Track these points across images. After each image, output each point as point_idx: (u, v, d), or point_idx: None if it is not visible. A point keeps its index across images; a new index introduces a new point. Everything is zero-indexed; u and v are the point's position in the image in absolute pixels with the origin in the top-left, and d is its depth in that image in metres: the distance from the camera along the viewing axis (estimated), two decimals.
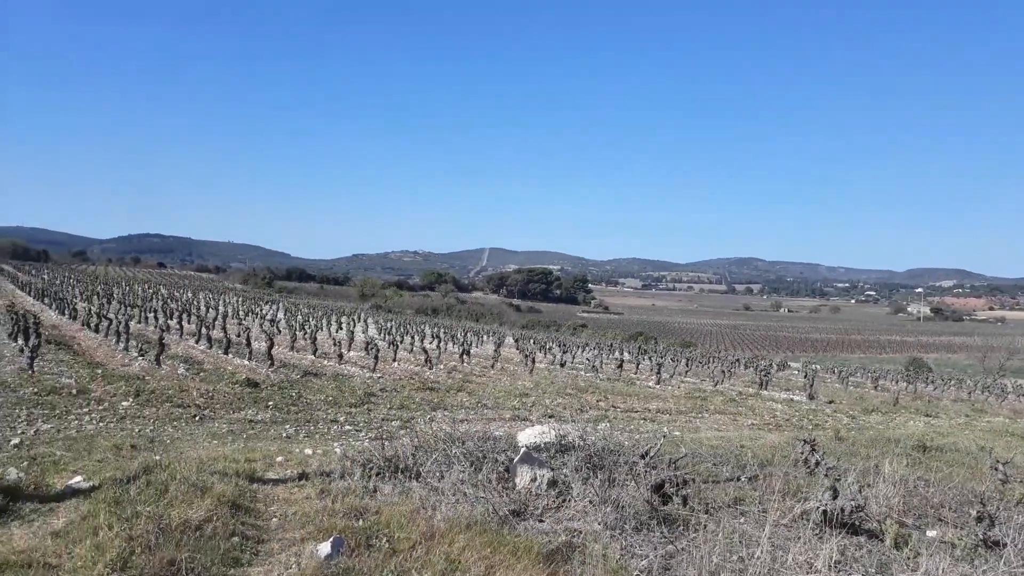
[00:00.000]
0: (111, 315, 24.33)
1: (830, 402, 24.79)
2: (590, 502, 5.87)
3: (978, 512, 5.94)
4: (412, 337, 35.99)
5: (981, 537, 5.76)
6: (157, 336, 17.49)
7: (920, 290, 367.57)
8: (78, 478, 6.38)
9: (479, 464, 6.53)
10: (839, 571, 4.97)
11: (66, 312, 29.71)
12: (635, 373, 30.05)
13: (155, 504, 5.29)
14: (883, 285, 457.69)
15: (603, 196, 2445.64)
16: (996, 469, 8.90)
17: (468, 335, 41.52)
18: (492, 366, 25.50)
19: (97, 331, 22.33)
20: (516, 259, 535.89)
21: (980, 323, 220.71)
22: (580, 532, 5.41)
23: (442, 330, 44.70)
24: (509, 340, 45.29)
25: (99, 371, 14.54)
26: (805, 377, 31.70)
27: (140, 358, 16.77)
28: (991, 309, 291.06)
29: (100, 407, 11.10)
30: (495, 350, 28.32)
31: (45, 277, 69.96)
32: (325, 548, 4.69)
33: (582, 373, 27.15)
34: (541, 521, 5.70)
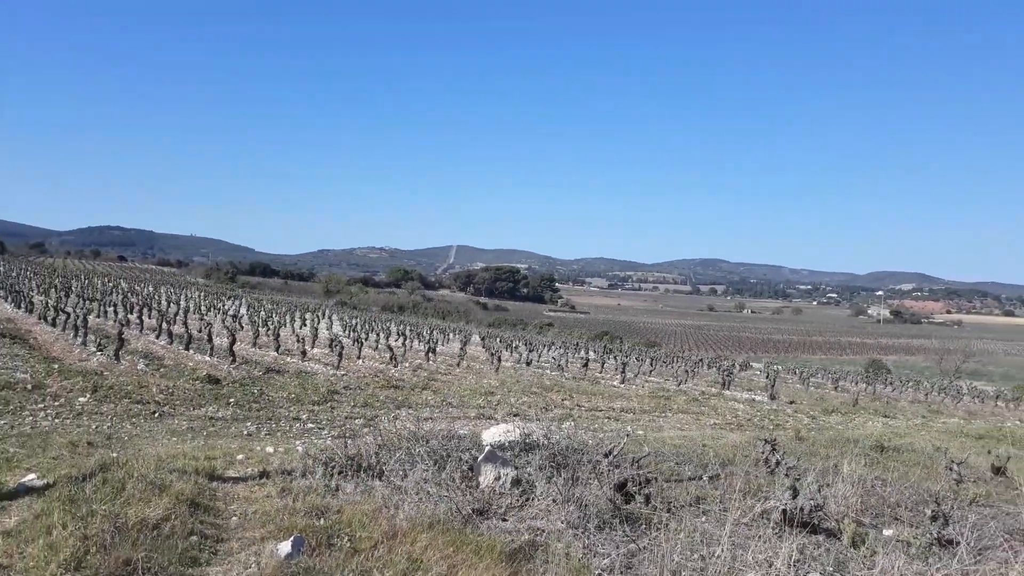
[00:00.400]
0: (69, 309, 23.86)
1: (791, 402, 25.16)
2: (553, 501, 5.88)
3: (933, 511, 6.05)
4: (377, 334, 35.80)
5: (935, 536, 5.87)
6: (116, 331, 17.19)
7: (881, 293, 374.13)
8: (32, 476, 6.23)
9: (443, 463, 6.51)
10: (798, 569, 5.03)
11: (22, 305, 29.04)
12: (600, 372, 30.21)
13: (111, 503, 5.19)
14: (845, 287, 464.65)
15: (571, 196, 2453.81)
16: (951, 469, 9.09)
17: (434, 333, 41.40)
18: (458, 364, 25.47)
19: (54, 325, 21.89)
20: (484, 257, 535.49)
21: (938, 326, 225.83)
22: (543, 531, 5.42)
23: (408, 328, 44.52)
24: (475, 338, 45.29)
25: (56, 366, 14.24)
26: (767, 378, 32.13)
27: (99, 353, 16.45)
28: (948, 312, 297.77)
29: (56, 403, 10.88)
30: (461, 348, 28.30)
31: (1, 269, 68.29)
32: (285, 547, 4.64)
33: (548, 372, 27.23)
34: (504, 520, 5.69)
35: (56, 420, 9.77)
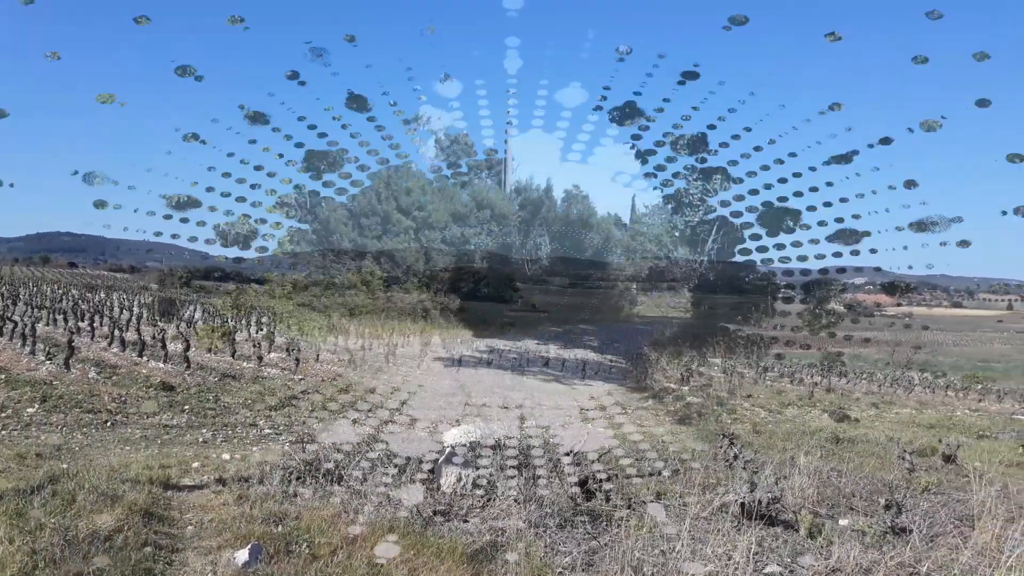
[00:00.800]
0: (16, 317, 23.17)
1: (748, 396, 25.49)
2: (515, 500, 5.88)
3: (886, 500, 6.17)
4: (336, 337, 35.45)
5: (889, 524, 5.99)
6: (66, 339, 16.74)
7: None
8: None
9: (403, 466, 6.47)
10: (756, 562, 5.09)
11: None
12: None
13: (61, 515, 5.07)
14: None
15: None
16: (903, 459, 9.27)
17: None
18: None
19: (0, 334, 21.27)
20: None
21: (890, 318, 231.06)
22: (505, 531, 5.41)
23: (367, 329, 44.11)
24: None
25: (2, 376, 13.83)
26: (725, 372, 32.52)
27: (48, 362, 16.00)
28: (899, 305, 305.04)
29: (3, 414, 10.58)
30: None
31: None
32: (243, 555, 4.57)
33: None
34: (466, 521, 5.68)
35: (3, 432, 9.51)
